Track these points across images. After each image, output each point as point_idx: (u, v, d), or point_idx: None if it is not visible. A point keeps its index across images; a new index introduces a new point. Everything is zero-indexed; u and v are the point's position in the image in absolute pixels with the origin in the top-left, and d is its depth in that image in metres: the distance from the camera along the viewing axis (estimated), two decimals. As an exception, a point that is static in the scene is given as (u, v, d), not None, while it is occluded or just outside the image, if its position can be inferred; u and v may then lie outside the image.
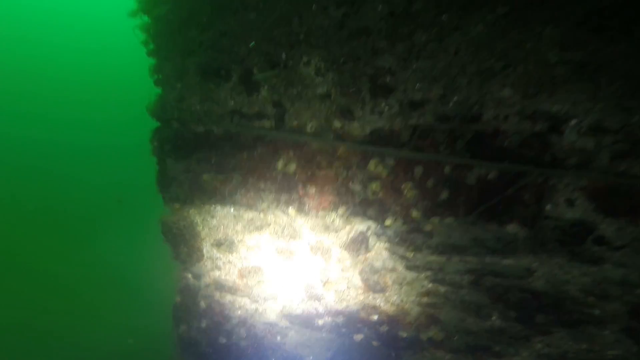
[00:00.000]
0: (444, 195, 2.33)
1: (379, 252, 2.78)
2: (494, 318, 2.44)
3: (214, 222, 3.27)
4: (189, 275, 3.68)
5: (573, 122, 1.95)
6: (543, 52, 1.93)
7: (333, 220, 2.81)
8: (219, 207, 3.16)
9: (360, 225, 2.75)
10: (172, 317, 4.05)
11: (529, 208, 2.11)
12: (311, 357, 3.50)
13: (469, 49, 2.09)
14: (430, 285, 2.63)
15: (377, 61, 2.34)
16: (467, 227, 2.31)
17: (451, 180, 2.28)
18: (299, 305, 3.29)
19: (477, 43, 2.07)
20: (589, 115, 1.91)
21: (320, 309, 3.22)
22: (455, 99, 2.18)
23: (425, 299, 2.68)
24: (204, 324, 3.79)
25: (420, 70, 2.25)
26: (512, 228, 2.19)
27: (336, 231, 2.85)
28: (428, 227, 2.47)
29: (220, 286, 3.58)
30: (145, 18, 2.86)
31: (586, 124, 1.92)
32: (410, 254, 2.62)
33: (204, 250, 3.45)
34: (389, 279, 2.81)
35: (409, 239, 2.58)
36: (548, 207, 2.07)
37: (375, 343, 3.11)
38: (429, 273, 2.60)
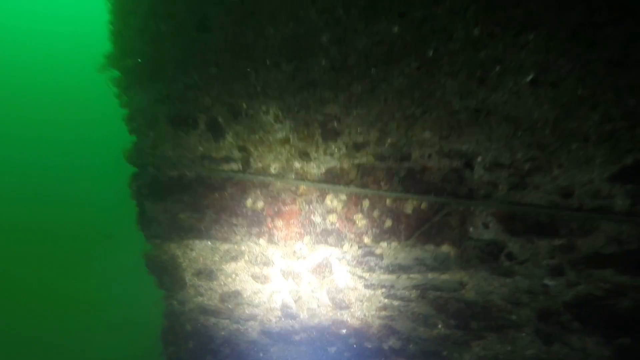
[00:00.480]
0: (388, 223, 2.67)
1: (342, 273, 3.10)
2: (439, 326, 2.78)
3: (194, 254, 3.55)
4: (174, 302, 3.95)
5: (479, 159, 2.30)
6: (448, 100, 2.28)
7: (300, 249, 3.12)
8: (197, 241, 3.44)
9: (323, 252, 3.06)
10: (161, 340, 4.31)
11: (455, 231, 2.46)
12: (292, 370, 3.80)
13: (395, 97, 2.43)
14: (385, 300, 2.96)
15: (325, 109, 2.66)
16: (410, 249, 2.65)
17: (392, 211, 2.62)
18: (277, 323, 3.59)
19: (401, 92, 2.41)
20: (488, 153, 2.26)
21: (296, 326, 3.53)
22: (389, 141, 2.52)
23: (383, 313, 3.01)
24: (190, 345, 4.06)
25: (359, 116, 2.58)
26: (445, 248, 2.54)
27: (304, 258, 3.17)
28: (378, 251, 2.80)
29: (203, 310, 3.86)
30: (115, 72, 3.13)
31: (488, 160, 2.28)
32: (366, 274, 2.95)
33: (186, 280, 3.73)
34: (352, 296, 3.13)
35: (364, 262, 2.91)
36: (470, 229, 2.42)
37: (346, 354, 3.43)
38: (383, 290, 2.93)
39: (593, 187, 2.11)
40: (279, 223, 3.06)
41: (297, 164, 2.85)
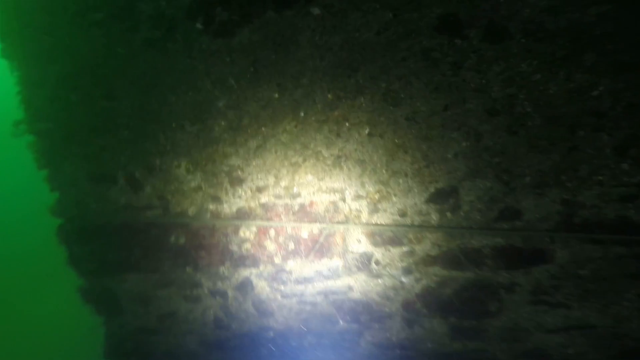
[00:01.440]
0: (291, 246, 3.31)
1: (262, 288, 3.71)
2: (340, 322, 3.53)
3: (127, 285, 3.94)
4: (114, 326, 4.32)
5: (347, 193, 3.00)
6: (319, 150, 2.93)
7: (223, 272, 3.67)
8: (129, 274, 3.84)
9: (243, 272, 3.65)
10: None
11: (339, 247, 3.18)
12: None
13: (282, 149, 3.03)
14: (299, 306, 3.64)
15: (229, 161, 3.19)
16: (310, 264, 3.33)
17: (293, 236, 3.26)
18: (212, 335, 4.15)
19: (286, 145, 3.02)
20: (352, 188, 2.96)
21: (229, 335, 4.11)
22: (282, 184, 3.13)
23: (299, 316, 3.69)
24: (135, 363, 4.49)
25: (257, 165, 3.14)
26: (335, 261, 3.25)
27: (228, 279, 3.72)
28: (288, 268, 3.45)
29: (143, 330, 4.29)
30: (31, 137, 3.37)
31: (352, 193, 2.99)
32: (281, 287, 3.59)
33: (123, 306, 4.12)
34: (273, 305, 3.77)
35: (278, 277, 3.54)
36: (349, 245, 3.15)
37: (276, 353, 4.10)
38: (296, 298, 3.60)
39: (417, 208, 2.90)
40: (202, 253, 3.58)
41: (211, 206, 3.36)
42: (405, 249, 3.07)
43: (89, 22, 2.92)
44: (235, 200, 3.30)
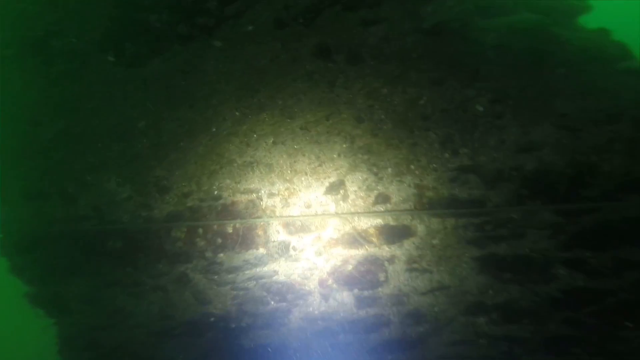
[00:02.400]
0: (219, 241, 3.81)
1: (198, 280, 4.19)
2: (272, 302, 4.12)
3: (73, 287, 4.29)
4: (65, 325, 4.67)
5: (262, 192, 3.53)
6: (233, 158, 3.42)
7: (161, 269, 4.11)
8: (74, 277, 4.18)
9: (179, 268, 4.10)
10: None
11: (262, 238, 3.72)
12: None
13: (200, 160, 3.47)
14: (234, 292, 4.17)
15: (154, 173, 3.59)
16: (238, 255, 3.85)
17: (219, 232, 3.75)
18: (158, 325, 4.60)
19: (204, 156, 3.46)
20: (266, 187, 3.49)
21: (174, 324, 4.58)
22: (204, 188, 3.59)
23: (235, 301, 4.22)
24: (87, 355, 4.88)
25: (181, 175, 3.57)
26: (260, 250, 3.80)
27: (166, 274, 4.17)
28: (219, 260, 3.95)
29: (93, 327, 4.66)
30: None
31: (265, 192, 3.52)
32: (215, 277, 4.10)
33: (72, 308, 4.47)
34: (210, 294, 4.27)
35: (211, 269, 4.03)
36: (270, 235, 3.70)
37: (219, 335, 4.63)
38: (230, 285, 4.13)
39: (318, 200, 3.50)
40: (140, 254, 3.99)
41: (143, 212, 3.76)
42: (314, 235, 3.66)
43: (1, 56, 3.16)
44: (165, 206, 3.72)
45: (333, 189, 3.42)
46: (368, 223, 3.48)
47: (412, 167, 3.17)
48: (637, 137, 2.68)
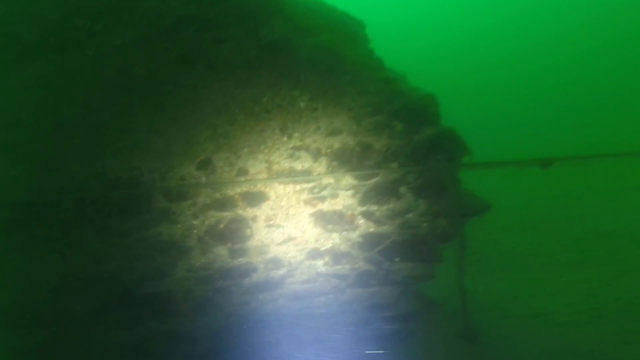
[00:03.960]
0: (107, 210, 4.51)
1: (93, 242, 4.86)
2: (157, 259, 4.95)
3: None
4: None
5: (143, 168, 4.29)
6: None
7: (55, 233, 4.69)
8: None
9: (74, 233, 4.73)
10: None
11: (146, 206, 4.50)
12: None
13: (84, 146, 4.11)
14: (131, 252, 4.91)
15: (44, 155, 4.13)
16: (127, 220, 4.59)
17: (108, 203, 4.45)
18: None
19: (88, 142, 4.10)
20: (142, 165, 4.26)
21: (72, 280, 5.22)
22: (93, 168, 4.24)
23: (126, 259, 4.97)
24: None
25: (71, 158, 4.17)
26: (145, 216, 4.59)
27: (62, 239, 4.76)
28: (108, 225, 4.65)
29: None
30: None
31: (147, 168, 4.30)
32: (106, 239, 4.79)
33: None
34: (104, 254, 4.96)
35: (102, 233, 4.72)
36: (153, 204, 4.49)
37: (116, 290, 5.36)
38: (120, 246, 4.86)
39: (192, 174, 4.37)
40: (34, 222, 4.55)
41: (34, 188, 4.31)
42: (190, 201, 4.52)
43: None
44: (55, 182, 4.30)
45: (203, 165, 4.28)
46: (233, 191, 4.43)
47: (262, 147, 4.14)
48: (385, 124, 3.94)
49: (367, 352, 4.95)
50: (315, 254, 4.63)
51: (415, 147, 4.35)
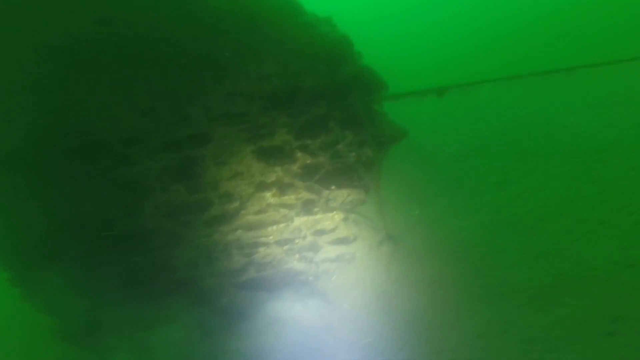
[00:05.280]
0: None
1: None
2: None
3: None
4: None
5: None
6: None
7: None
8: None
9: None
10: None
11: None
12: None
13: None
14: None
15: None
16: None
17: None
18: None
19: None
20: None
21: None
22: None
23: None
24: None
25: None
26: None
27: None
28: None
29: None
30: None
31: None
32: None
33: None
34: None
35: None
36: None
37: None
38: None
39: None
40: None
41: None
42: (142, 144, 5.18)
43: None
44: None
45: (146, 113, 4.91)
46: (179, 134, 5.07)
47: (199, 95, 4.74)
48: (309, 67, 4.47)
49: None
50: (263, 186, 5.30)
51: (337, 85, 4.90)
